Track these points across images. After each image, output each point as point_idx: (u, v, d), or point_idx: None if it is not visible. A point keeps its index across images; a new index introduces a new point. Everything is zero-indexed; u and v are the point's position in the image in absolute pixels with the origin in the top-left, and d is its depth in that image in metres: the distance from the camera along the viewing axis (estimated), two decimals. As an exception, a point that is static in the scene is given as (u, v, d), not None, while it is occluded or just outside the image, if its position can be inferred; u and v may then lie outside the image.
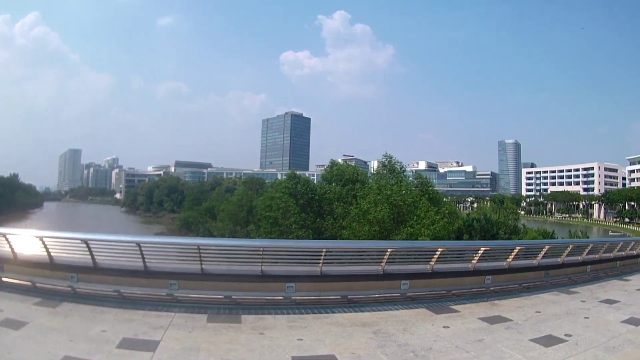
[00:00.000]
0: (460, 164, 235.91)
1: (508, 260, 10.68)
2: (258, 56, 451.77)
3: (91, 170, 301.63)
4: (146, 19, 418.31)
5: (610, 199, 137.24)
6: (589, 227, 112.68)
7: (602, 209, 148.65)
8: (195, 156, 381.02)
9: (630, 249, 17.84)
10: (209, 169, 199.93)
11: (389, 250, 8.70)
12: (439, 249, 9.32)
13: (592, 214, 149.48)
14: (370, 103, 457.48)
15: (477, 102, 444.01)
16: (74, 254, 7.44)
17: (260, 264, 7.76)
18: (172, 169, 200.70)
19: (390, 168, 42.75)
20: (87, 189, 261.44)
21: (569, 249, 13.07)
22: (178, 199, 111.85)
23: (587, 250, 13.95)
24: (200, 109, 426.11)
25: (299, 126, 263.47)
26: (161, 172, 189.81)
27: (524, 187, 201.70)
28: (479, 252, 9.98)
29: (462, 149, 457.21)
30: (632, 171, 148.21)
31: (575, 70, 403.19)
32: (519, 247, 11.22)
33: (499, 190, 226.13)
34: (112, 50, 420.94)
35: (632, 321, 8.53)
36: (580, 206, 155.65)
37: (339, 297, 8.26)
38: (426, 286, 9.25)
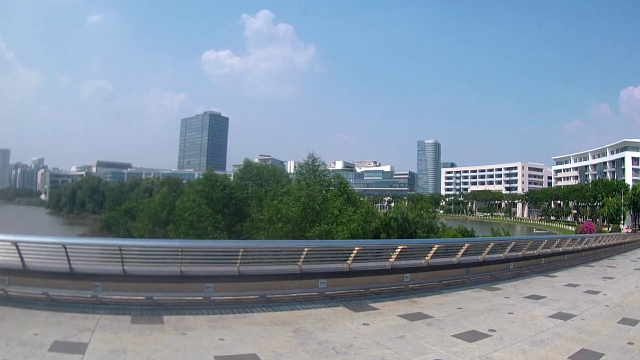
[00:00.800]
0: (378, 163, 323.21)
1: (426, 258, 14.51)
2: (180, 55, 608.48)
3: (19, 170, 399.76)
4: (78, 15, 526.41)
5: (535, 198, 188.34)
6: (512, 225, 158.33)
7: (526, 207, 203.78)
8: (118, 156, 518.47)
9: (556, 246, 24.52)
10: (128, 169, 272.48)
11: (305, 249, 11.69)
12: (356, 248, 12.69)
13: (515, 213, 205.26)
14: (289, 103, 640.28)
15: (397, 103, 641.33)
16: (5, 256, 9.87)
17: (179, 265, 10.49)
18: (94, 169, 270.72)
19: (313, 168, 56.90)
20: (14, 190, 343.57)
21: (490, 246, 17.73)
22: (99, 200, 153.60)
23: (509, 248, 19.02)
24: (121, 107, 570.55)
25: (217, 126, 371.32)
26: (84, 173, 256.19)
27: (443, 186, 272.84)
28: (397, 250, 13.58)
29: (380, 149, 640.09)
30: (558, 170, 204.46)
31: (500, 71, 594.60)
32: (437, 245, 15.19)
33: (418, 189, 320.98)
34: (43, 47, 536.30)
35: (560, 316, 11.71)
36: (503, 205, 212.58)
37: (258, 296, 11.12)
38: (344, 285, 12.53)
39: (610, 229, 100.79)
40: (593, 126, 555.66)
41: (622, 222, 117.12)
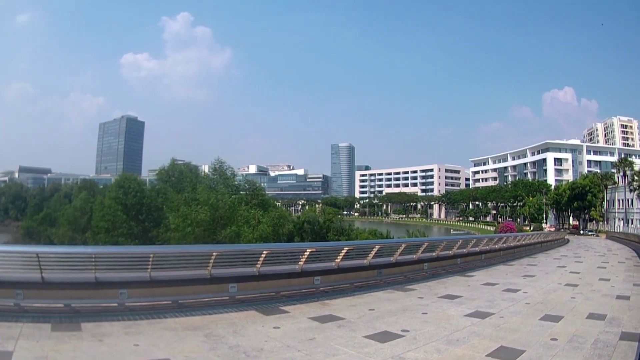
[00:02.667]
0: (291, 167, 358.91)
1: (337, 260, 15.63)
2: (101, 57, 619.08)
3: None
4: (6, 15, 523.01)
5: (452, 199, 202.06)
6: (429, 226, 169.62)
7: (443, 209, 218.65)
8: (40, 161, 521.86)
9: (473, 246, 25.96)
10: (48, 174, 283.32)
11: (214, 253, 12.61)
12: (264, 252, 13.63)
13: (432, 214, 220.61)
14: (205, 107, 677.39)
15: (312, 106, 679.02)
16: None
17: (94, 271, 11.22)
18: (17, 175, 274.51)
19: (221, 173, 64.11)
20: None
21: (402, 247, 18.88)
22: (22, 207, 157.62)
23: (422, 249, 20.33)
24: (44, 111, 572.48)
25: (134, 130, 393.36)
26: (7, 179, 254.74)
27: (357, 189, 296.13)
28: (305, 253, 14.61)
29: (295, 152, 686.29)
30: (476, 172, 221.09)
31: (418, 74, 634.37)
32: (347, 248, 16.31)
33: (332, 192, 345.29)
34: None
35: (477, 314, 12.22)
36: (419, 207, 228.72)
37: (170, 302, 11.76)
38: (255, 288, 13.45)
39: (532, 228, 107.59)
40: (513, 128, 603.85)
41: (545, 221, 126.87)
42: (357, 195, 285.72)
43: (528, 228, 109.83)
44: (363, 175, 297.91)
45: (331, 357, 8.19)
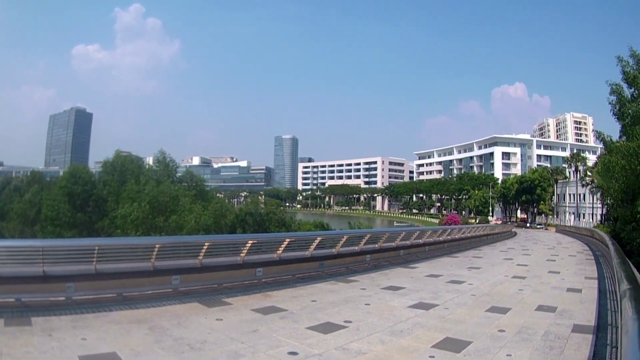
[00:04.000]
0: (234, 159, 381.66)
1: (278, 252, 16.20)
2: (53, 49, 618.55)
3: None
4: None
5: (395, 192, 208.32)
6: (372, 218, 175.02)
7: (386, 201, 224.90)
8: None
9: (416, 238, 26.72)
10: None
11: (157, 245, 12.97)
12: (206, 243, 14.09)
13: (375, 206, 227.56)
14: (152, 98, 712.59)
15: (257, 99, 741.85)
16: None
17: (42, 265, 11.35)
18: None
19: (164, 164, 67.94)
20: None
21: (344, 239, 19.47)
22: None
23: (364, 240, 20.92)
24: None
25: (82, 122, 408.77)
26: None
27: (300, 181, 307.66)
28: (247, 245, 15.16)
29: (239, 144, 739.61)
30: (420, 165, 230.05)
31: (363, 69, 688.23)
32: (288, 239, 16.84)
33: (275, 184, 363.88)
34: None
35: (421, 306, 12.49)
36: (362, 199, 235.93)
37: (115, 294, 12.15)
38: (198, 280, 13.91)
39: (477, 221, 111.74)
40: (461, 122, 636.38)
41: (491, 214, 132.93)
42: (300, 187, 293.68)
43: (474, 221, 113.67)
44: (306, 167, 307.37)
45: (274, 348, 8.41)
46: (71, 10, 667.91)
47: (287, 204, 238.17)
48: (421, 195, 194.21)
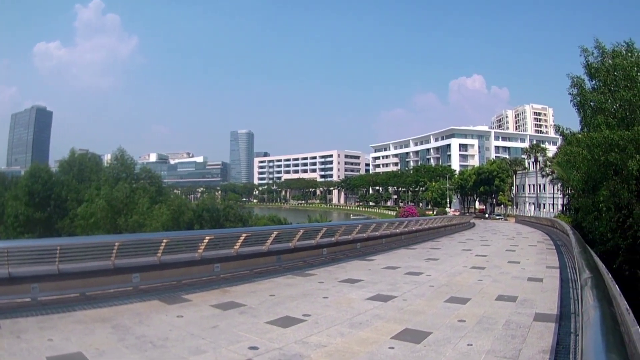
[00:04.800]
0: (191, 155, 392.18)
1: (235, 247, 16.56)
2: (14, 47, 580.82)
3: None
4: None
5: (351, 185, 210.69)
6: (329, 212, 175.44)
7: (342, 194, 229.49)
8: None
9: (372, 231, 27.11)
10: None
11: (116, 243, 13.22)
12: (164, 240, 14.39)
13: (331, 200, 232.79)
14: (110, 95, 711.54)
15: (213, 94, 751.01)
16: None
17: (7, 266, 11.40)
18: None
19: (122, 162, 69.18)
20: None
21: (300, 233, 19.73)
22: None
23: (321, 234, 21.36)
24: None
25: (42, 121, 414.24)
26: None
27: (256, 175, 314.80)
28: (204, 241, 15.51)
29: (195, 140, 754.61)
30: (376, 157, 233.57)
31: (318, 61, 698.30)
32: (245, 234, 17.16)
33: (231, 179, 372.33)
34: None
35: (379, 298, 12.69)
36: (318, 192, 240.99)
37: (78, 294, 12.29)
38: (157, 277, 14.11)
39: (435, 213, 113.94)
40: (417, 114, 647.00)
41: (449, 205, 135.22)
42: (256, 181, 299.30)
43: (431, 213, 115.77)
44: (262, 162, 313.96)
45: (235, 343, 8.58)
46: (34, 7, 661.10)
47: (244, 199, 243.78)
48: (378, 188, 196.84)
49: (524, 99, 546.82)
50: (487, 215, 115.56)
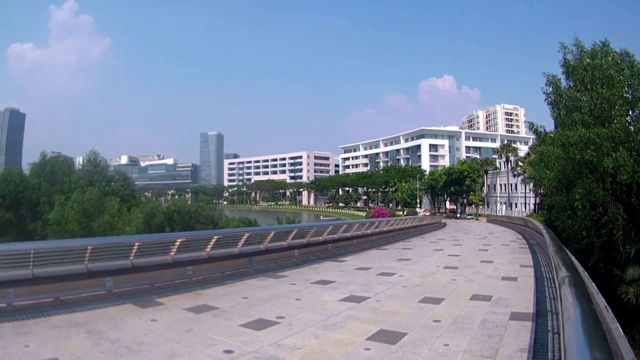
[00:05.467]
0: (161, 157, 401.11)
1: (207, 249, 16.66)
2: None
3: None
4: None
5: (321, 186, 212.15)
6: (299, 213, 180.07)
7: (312, 195, 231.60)
8: None
9: (343, 232, 27.40)
10: None
11: (89, 247, 13.13)
12: (136, 243, 14.41)
13: (301, 201, 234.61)
14: (82, 97, 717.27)
15: (183, 95, 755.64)
16: None
17: None
18: None
19: (95, 164, 73.64)
20: None
21: (271, 235, 19.88)
22: None
23: (292, 235, 21.46)
24: None
25: (16, 123, 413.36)
26: None
27: (226, 177, 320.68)
28: (176, 243, 15.57)
29: (165, 142, 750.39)
30: (346, 158, 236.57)
31: (286, 61, 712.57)
32: (216, 237, 17.33)
33: (201, 181, 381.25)
34: None
35: (352, 299, 12.81)
36: (288, 194, 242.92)
37: (53, 299, 12.16)
38: (130, 281, 14.07)
39: (405, 213, 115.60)
40: (387, 115, 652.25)
41: (419, 205, 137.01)
42: (226, 183, 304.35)
43: (401, 213, 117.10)
44: (232, 164, 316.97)
45: (210, 347, 8.65)
46: (9, 8, 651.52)
47: (214, 201, 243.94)
48: (347, 188, 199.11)
49: (495, 99, 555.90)
50: (458, 215, 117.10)
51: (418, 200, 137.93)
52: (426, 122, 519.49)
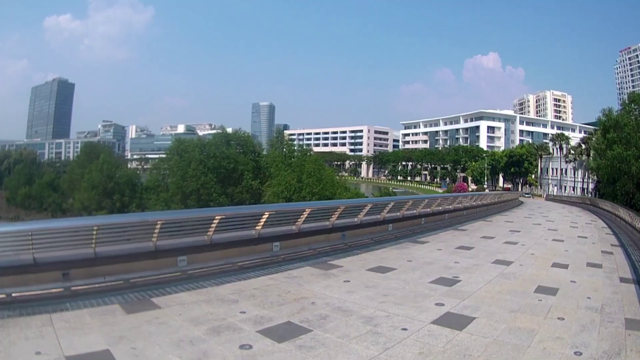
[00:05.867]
0: (213, 126, 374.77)
1: (297, 223, 15.05)
2: (24, 21, 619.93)
3: None
4: None
5: (384, 159, 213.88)
6: (359, 184, 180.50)
7: (371, 168, 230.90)
8: None
9: (437, 205, 27.14)
10: None
11: (159, 222, 11.25)
12: (217, 217, 12.45)
13: (360, 173, 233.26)
14: (126, 66, 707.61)
15: (233, 65, 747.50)
16: None
17: (32, 251, 9.45)
18: None
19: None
20: None
21: (367, 208, 18.86)
22: None
23: (388, 209, 20.54)
24: None
25: (64, 93, 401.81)
26: None
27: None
28: (264, 216, 13.85)
29: (214, 111, 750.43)
30: (406, 134, 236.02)
31: (341, 36, 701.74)
32: (309, 209, 15.60)
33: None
34: None
35: (501, 262, 15.21)
36: (347, 166, 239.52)
37: (122, 281, 10.41)
38: (205, 260, 12.22)
39: (476, 188, 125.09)
40: (434, 89, 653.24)
41: (485, 183, 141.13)
42: None
43: (472, 189, 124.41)
44: (292, 134, 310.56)
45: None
46: None
47: None
48: (410, 163, 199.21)
49: (539, 80, 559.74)
50: None
51: (486, 179, 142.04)
52: (472, 98, 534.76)
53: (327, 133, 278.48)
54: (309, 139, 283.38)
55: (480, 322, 8.38)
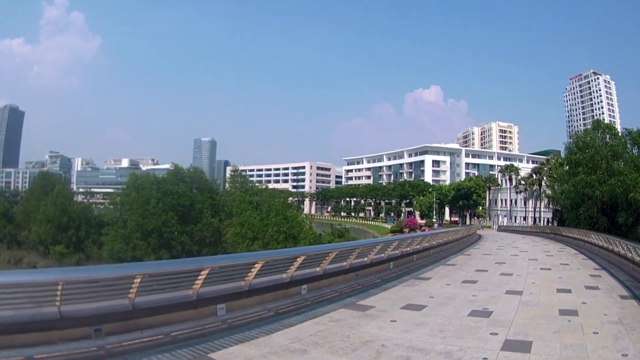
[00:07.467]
0: (156, 161, 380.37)
1: (322, 265, 15.28)
2: None
3: None
4: None
5: (328, 196, 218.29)
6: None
7: (314, 204, 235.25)
8: None
9: (415, 245, 26.16)
10: None
11: (206, 268, 10.55)
12: (258, 262, 12.17)
13: (303, 210, 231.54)
14: (71, 95, 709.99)
15: (175, 100, 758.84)
16: None
17: (58, 304, 8.52)
18: None
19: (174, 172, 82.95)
20: None
21: (377, 248, 19.71)
22: None
23: (391, 248, 21.41)
24: None
25: (14, 121, 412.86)
26: None
27: (227, 184, 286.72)
28: (298, 260, 13.73)
29: (155, 145, 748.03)
30: (349, 170, 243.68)
31: (277, 72, 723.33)
32: (334, 253, 15.77)
33: None
34: None
35: (511, 292, 16.71)
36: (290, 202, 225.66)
37: (162, 335, 9.62)
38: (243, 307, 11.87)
39: (425, 223, 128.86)
40: (375, 124, 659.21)
41: (434, 217, 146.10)
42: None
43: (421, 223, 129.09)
44: (234, 171, 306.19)
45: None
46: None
47: None
48: (354, 199, 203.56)
49: (483, 112, 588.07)
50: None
51: (434, 213, 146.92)
52: (412, 131, 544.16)
53: (269, 170, 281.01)
54: (251, 176, 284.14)
55: (538, 344, 9.49)
